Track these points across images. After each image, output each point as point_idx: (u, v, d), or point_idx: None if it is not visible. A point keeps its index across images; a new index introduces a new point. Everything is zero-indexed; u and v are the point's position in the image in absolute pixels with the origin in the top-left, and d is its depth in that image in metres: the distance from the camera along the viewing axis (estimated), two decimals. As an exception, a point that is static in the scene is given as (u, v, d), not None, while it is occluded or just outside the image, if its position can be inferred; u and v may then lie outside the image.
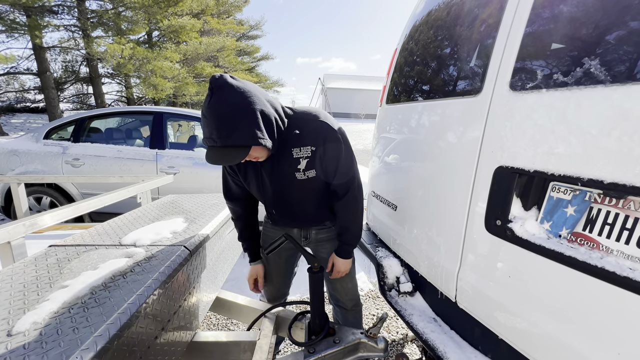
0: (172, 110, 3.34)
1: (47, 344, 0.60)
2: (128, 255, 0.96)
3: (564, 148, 0.74)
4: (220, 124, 0.90)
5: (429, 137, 1.28)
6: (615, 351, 0.64)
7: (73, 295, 0.74)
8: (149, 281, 0.82)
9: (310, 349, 1.07)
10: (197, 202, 1.64)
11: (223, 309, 1.51)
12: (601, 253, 0.69)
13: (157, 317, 0.82)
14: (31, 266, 0.90)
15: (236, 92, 0.92)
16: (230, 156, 0.94)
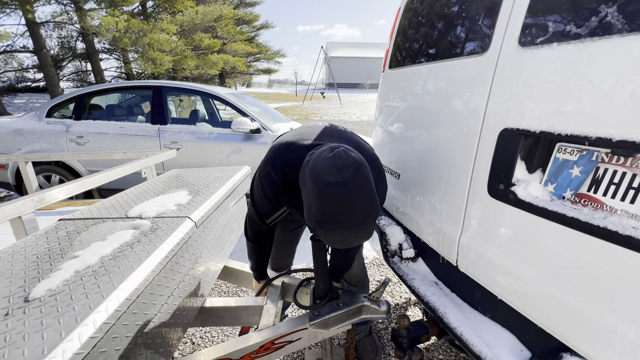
0: (171, 84, 3.27)
1: (62, 309, 0.63)
2: (134, 227, 0.99)
3: (573, 106, 0.71)
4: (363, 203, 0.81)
5: (433, 102, 1.24)
6: (612, 307, 0.66)
7: (84, 265, 0.77)
8: (156, 251, 0.84)
9: (314, 312, 1.11)
10: (200, 176, 1.65)
11: (231, 278, 1.57)
12: (604, 213, 0.68)
13: (165, 284, 0.86)
14: (43, 239, 0.93)
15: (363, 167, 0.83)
16: (364, 233, 0.85)
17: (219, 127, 3.17)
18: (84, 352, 0.56)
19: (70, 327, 0.58)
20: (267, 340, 1.04)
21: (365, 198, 0.82)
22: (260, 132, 3.03)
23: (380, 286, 1.15)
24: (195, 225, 1.08)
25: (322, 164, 0.82)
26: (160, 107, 3.15)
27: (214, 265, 1.31)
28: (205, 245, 1.17)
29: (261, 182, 1.06)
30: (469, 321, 1.05)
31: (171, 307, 0.91)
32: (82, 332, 0.57)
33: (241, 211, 1.73)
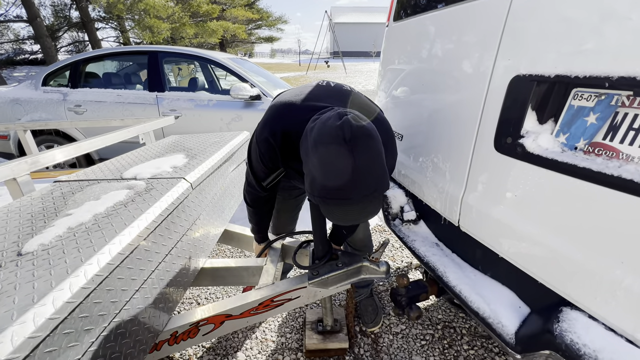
0: (167, 49, 3.15)
1: (54, 261, 0.63)
2: (129, 187, 0.98)
3: (595, 43, 0.63)
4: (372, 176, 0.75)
5: (440, 54, 1.15)
6: (619, 260, 0.63)
7: (77, 222, 0.77)
8: (149, 209, 0.84)
9: (313, 272, 1.12)
10: (198, 141, 1.63)
11: (233, 241, 1.59)
12: (619, 162, 0.63)
13: (161, 243, 0.86)
14: (38, 199, 0.93)
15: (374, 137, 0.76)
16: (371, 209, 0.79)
17: (218, 94, 3.08)
18: (75, 301, 0.57)
19: (61, 277, 0.58)
20: (266, 298, 1.05)
21: (374, 173, 0.75)
22: (260, 98, 2.93)
23: (380, 247, 1.15)
24: (191, 186, 1.07)
25: (329, 134, 0.74)
26: (157, 73, 3.05)
27: (214, 228, 1.32)
28: (203, 208, 1.17)
29: (259, 148, 0.99)
30: (468, 280, 1.05)
31: (169, 265, 0.91)
32: (73, 283, 0.58)
33: (240, 177, 1.72)
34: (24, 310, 0.50)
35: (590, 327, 0.68)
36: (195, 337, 1.01)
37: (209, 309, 1.02)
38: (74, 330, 0.57)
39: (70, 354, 0.57)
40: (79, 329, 0.58)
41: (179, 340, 0.97)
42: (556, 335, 0.71)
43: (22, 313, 0.50)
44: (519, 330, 0.84)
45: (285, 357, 1.38)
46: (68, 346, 0.56)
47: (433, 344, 1.43)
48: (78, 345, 0.58)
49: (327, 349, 1.34)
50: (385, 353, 1.39)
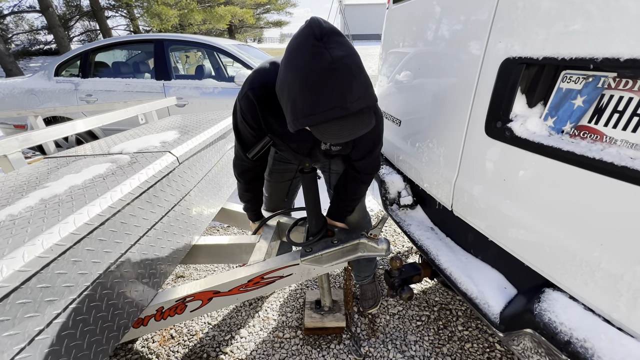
0: (171, 37, 3.17)
1: (16, 230, 0.63)
2: (112, 161, 0.98)
3: (582, 24, 0.62)
4: (357, 79, 0.68)
5: (434, 37, 1.14)
6: (598, 242, 0.64)
7: (50, 194, 0.77)
8: (126, 180, 0.82)
9: (307, 249, 1.08)
10: (196, 119, 1.60)
11: (229, 219, 1.57)
12: (603, 145, 0.63)
13: (142, 216, 0.84)
14: (24, 174, 0.95)
15: (345, 37, 0.70)
16: (367, 121, 0.73)
17: (224, 82, 3.10)
18: (29, 270, 0.55)
19: (16, 246, 0.57)
20: (255, 275, 1.04)
21: (356, 73, 0.69)
22: (264, 85, 2.94)
23: (378, 223, 1.11)
24: (177, 160, 1.04)
25: (298, 38, 0.70)
26: (163, 62, 3.08)
27: (208, 206, 1.30)
28: (193, 184, 1.14)
29: (240, 106, 0.98)
30: (459, 262, 1.07)
31: (153, 240, 0.90)
32: (28, 251, 0.56)
33: None
34: None
35: (569, 307, 0.70)
36: (183, 313, 1.01)
37: (197, 285, 1.01)
38: (32, 300, 0.56)
39: (28, 325, 0.56)
40: (38, 299, 0.57)
41: (166, 315, 0.97)
42: (535, 314, 0.73)
43: None
44: (503, 311, 0.87)
45: (285, 334, 1.45)
46: (25, 316, 0.55)
47: (428, 324, 1.47)
48: (39, 316, 0.57)
49: (325, 327, 1.40)
50: (382, 332, 1.44)
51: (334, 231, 1.15)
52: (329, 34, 0.68)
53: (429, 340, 1.40)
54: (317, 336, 1.42)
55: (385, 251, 1.09)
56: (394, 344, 1.38)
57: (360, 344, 1.38)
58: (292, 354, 1.35)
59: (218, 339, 1.44)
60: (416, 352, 1.34)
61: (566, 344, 0.65)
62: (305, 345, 1.39)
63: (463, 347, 1.36)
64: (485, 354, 1.33)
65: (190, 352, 1.38)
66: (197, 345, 1.41)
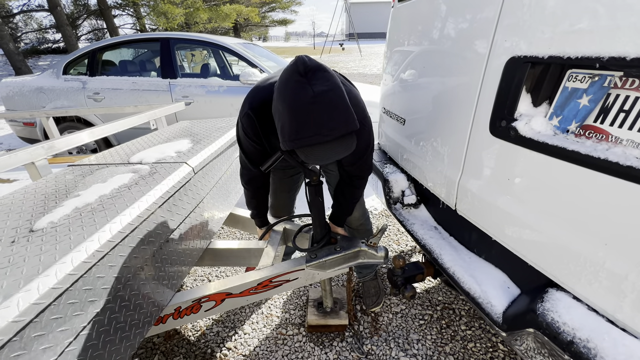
0: (177, 35, 3.19)
1: (60, 238, 0.70)
2: (134, 171, 1.05)
3: (588, 22, 0.62)
4: (337, 110, 0.77)
5: (439, 35, 1.13)
6: (602, 242, 0.63)
7: (83, 203, 0.84)
8: (151, 191, 0.89)
9: (311, 255, 1.15)
10: (205, 126, 1.68)
11: (238, 224, 1.65)
12: (608, 144, 0.63)
13: (162, 224, 0.91)
14: (52, 182, 1.01)
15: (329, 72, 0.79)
16: (347, 145, 0.81)
17: (229, 80, 3.12)
18: (76, 274, 0.62)
19: (65, 252, 0.64)
20: (264, 278, 1.11)
21: (337, 104, 0.78)
22: (269, 84, 2.95)
23: (378, 232, 1.17)
24: (193, 170, 1.12)
25: (286, 74, 0.80)
26: (169, 60, 3.11)
27: (219, 211, 1.37)
28: (206, 191, 1.22)
29: (242, 123, 1.05)
30: (462, 262, 1.07)
31: (172, 245, 0.97)
32: (75, 257, 0.63)
33: None
34: (29, 279, 0.56)
35: (572, 307, 0.70)
36: (198, 312, 1.08)
37: (211, 287, 1.08)
38: (79, 300, 0.63)
39: (75, 322, 0.63)
40: (83, 299, 0.64)
41: (183, 314, 1.04)
42: (539, 314, 0.73)
43: (28, 282, 0.56)
44: (506, 310, 0.86)
45: (288, 331, 1.46)
46: (73, 314, 0.62)
47: (431, 323, 1.47)
48: (83, 315, 0.64)
49: (328, 324, 1.41)
50: (384, 330, 1.44)
51: (337, 238, 1.21)
52: (314, 70, 0.78)
53: (432, 339, 1.40)
54: (320, 333, 1.43)
55: (384, 258, 1.17)
56: (397, 342, 1.38)
57: (362, 341, 1.39)
58: (294, 350, 1.37)
59: (222, 335, 1.45)
60: (419, 351, 1.34)
61: (569, 344, 0.65)
62: (308, 343, 1.40)
63: (466, 346, 1.36)
64: (488, 353, 1.32)
65: (194, 348, 1.40)
66: (201, 341, 1.43)
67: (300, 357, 1.33)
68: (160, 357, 1.36)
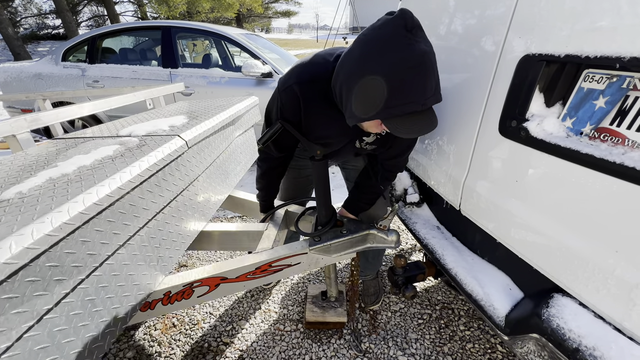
0: (179, 24, 3.13)
1: (24, 208, 0.61)
2: (121, 143, 0.96)
3: (610, 20, 0.59)
4: (435, 76, 0.71)
5: (450, 29, 1.10)
6: (614, 249, 0.62)
7: (60, 173, 0.76)
8: (135, 162, 0.80)
9: (315, 238, 1.08)
10: (205, 105, 1.58)
11: (237, 207, 1.57)
12: (624, 148, 0.60)
13: (150, 199, 0.83)
14: (32, 154, 0.94)
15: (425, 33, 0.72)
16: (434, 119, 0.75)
17: (231, 71, 3.07)
18: (38, 247, 0.54)
19: (25, 223, 0.56)
20: (263, 262, 1.04)
21: (435, 69, 0.70)
22: (272, 76, 2.90)
23: (389, 214, 1.09)
24: (186, 144, 1.03)
25: (384, 29, 0.69)
26: (170, 49, 3.06)
27: (216, 193, 1.29)
28: (202, 169, 1.14)
29: (280, 98, 0.95)
30: (465, 263, 1.05)
31: (162, 224, 0.89)
32: (37, 229, 0.55)
33: (248, 144, 1.66)
34: None
35: (579, 314, 0.68)
36: (190, 298, 1.01)
37: (204, 271, 1.01)
38: (40, 278, 0.56)
39: (37, 303, 0.56)
40: (46, 277, 0.57)
41: (173, 300, 0.98)
42: (544, 319, 0.71)
43: None
44: (509, 314, 0.85)
45: (286, 327, 1.45)
46: (34, 294, 0.55)
47: (430, 323, 1.47)
48: (47, 295, 0.57)
49: (326, 321, 1.40)
50: (383, 329, 1.44)
51: (343, 221, 1.14)
52: (418, 28, 0.69)
53: (430, 338, 1.39)
54: (318, 330, 1.43)
55: (395, 243, 1.08)
56: (395, 341, 1.38)
57: (360, 339, 1.38)
58: (292, 347, 1.36)
59: (219, 329, 1.45)
60: (417, 350, 1.34)
61: (574, 351, 0.64)
62: (305, 339, 1.39)
63: (464, 347, 1.35)
64: (486, 354, 1.32)
65: (191, 341, 1.39)
66: (199, 334, 1.42)
67: (297, 354, 1.33)
68: (157, 349, 1.35)
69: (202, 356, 1.33)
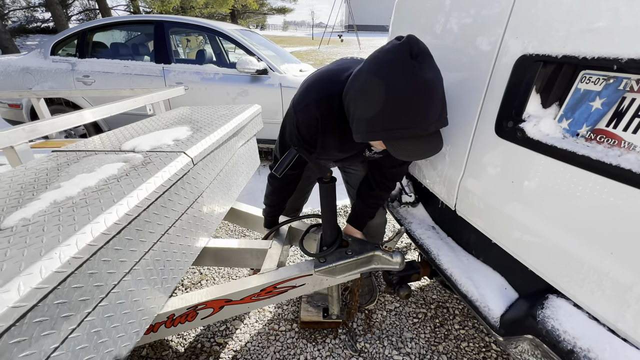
0: (173, 19, 3.07)
1: (30, 239, 0.59)
2: (125, 160, 0.94)
3: (607, 21, 0.59)
4: (440, 101, 0.73)
5: (446, 29, 1.09)
6: (609, 250, 0.62)
7: (64, 196, 0.73)
8: (142, 184, 0.79)
9: (321, 259, 1.07)
10: (206, 113, 1.56)
11: (239, 220, 1.55)
12: (620, 150, 0.60)
13: (156, 222, 0.82)
14: (32, 169, 0.90)
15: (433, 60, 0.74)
16: (438, 143, 0.77)
17: (225, 67, 3.03)
18: (47, 286, 0.52)
19: (33, 260, 0.53)
20: (268, 284, 1.03)
21: (440, 94, 0.72)
22: (267, 72, 2.88)
23: (394, 236, 1.11)
24: (192, 161, 1.03)
25: (391, 54, 0.71)
26: (163, 44, 3.00)
27: (219, 206, 1.28)
28: (206, 185, 1.13)
29: (297, 117, 0.95)
30: (460, 263, 1.05)
31: (166, 245, 0.88)
32: (46, 266, 0.53)
33: (250, 153, 1.65)
34: None
35: (573, 315, 0.69)
36: (194, 320, 1.00)
37: (208, 293, 1.00)
38: (49, 317, 0.53)
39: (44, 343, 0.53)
40: (54, 316, 0.55)
41: (176, 322, 0.96)
42: (538, 320, 0.71)
43: None
44: (504, 314, 0.85)
45: (281, 326, 1.44)
46: (41, 335, 0.52)
47: (425, 322, 1.47)
48: (54, 333, 0.55)
49: (321, 321, 1.39)
50: (377, 328, 1.44)
51: (348, 241, 1.13)
52: (424, 54, 0.70)
53: (425, 337, 1.40)
54: (313, 330, 1.42)
55: (400, 264, 1.08)
56: (390, 341, 1.38)
57: (356, 339, 1.38)
58: (287, 347, 1.35)
59: (213, 329, 1.43)
60: (412, 350, 1.34)
61: (569, 352, 0.64)
62: (300, 339, 1.38)
63: (459, 345, 1.36)
64: (481, 353, 1.33)
65: (184, 342, 1.37)
66: (192, 335, 1.41)
67: (292, 354, 1.32)
68: (149, 351, 1.33)
69: (196, 357, 1.31)
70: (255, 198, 2.66)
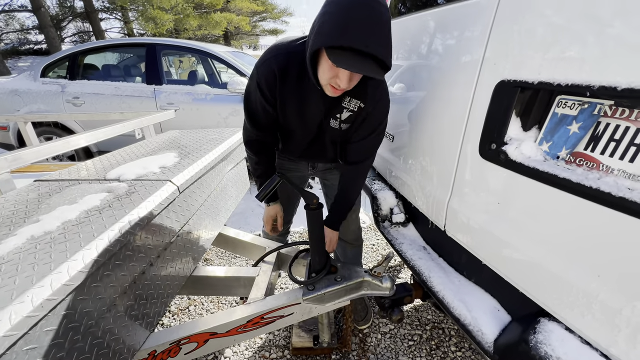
0: (165, 41, 3.12)
1: (2, 281, 0.55)
2: (109, 190, 0.92)
3: (577, 50, 0.61)
4: (382, 31, 0.79)
5: (429, 54, 1.13)
6: (595, 273, 0.62)
7: (43, 230, 0.70)
8: (125, 217, 0.76)
9: (309, 287, 1.05)
10: (195, 137, 1.55)
11: (227, 245, 1.51)
12: (600, 173, 0.61)
13: (138, 254, 0.79)
14: (11, 201, 0.87)
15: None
16: (371, 69, 0.81)
17: (217, 88, 3.06)
18: (16, 333, 0.49)
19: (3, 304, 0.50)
20: (255, 315, 1.00)
21: (388, 29, 0.79)
22: (258, 93, 2.91)
23: (383, 261, 1.10)
24: (178, 189, 1.01)
25: None
26: (155, 66, 3.03)
27: (207, 233, 1.25)
28: (192, 212, 1.11)
29: (257, 72, 1.00)
30: (452, 285, 1.04)
31: (149, 277, 0.84)
32: (16, 311, 0.50)
33: (239, 176, 1.64)
34: None
35: (566, 340, 0.67)
36: (176, 356, 0.94)
37: (192, 326, 0.95)
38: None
39: None
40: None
41: (158, 359, 0.90)
42: (531, 346, 0.70)
43: None
44: (497, 339, 0.84)
45: (272, 354, 1.39)
46: None
47: (421, 344, 1.43)
48: None
49: (313, 347, 1.35)
50: (372, 352, 1.39)
51: (337, 267, 1.11)
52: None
53: (420, 361, 1.36)
54: (305, 356, 1.37)
55: (390, 290, 1.07)
56: (384, 366, 1.33)
57: (349, 365, 1.33)
58: (277, 376, 1.30)
59: (200, 358, 1.37)
60: (407, 375, 1.30)
61: (563, 380, 0.62)
62: (291, 367, 1.33)
63: (454, 369, 1.32)
64: (476, 377, 1.29)
65: (170, 374, 1.30)
66: (178, 365, 1.34)
67: (283, 383, 1.27)
68: (132, 385, 1.26)
69: (181, 390, 1.24)
70: (245, 218, 2.63)
